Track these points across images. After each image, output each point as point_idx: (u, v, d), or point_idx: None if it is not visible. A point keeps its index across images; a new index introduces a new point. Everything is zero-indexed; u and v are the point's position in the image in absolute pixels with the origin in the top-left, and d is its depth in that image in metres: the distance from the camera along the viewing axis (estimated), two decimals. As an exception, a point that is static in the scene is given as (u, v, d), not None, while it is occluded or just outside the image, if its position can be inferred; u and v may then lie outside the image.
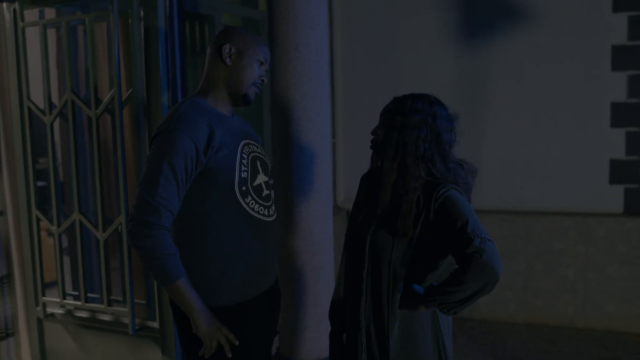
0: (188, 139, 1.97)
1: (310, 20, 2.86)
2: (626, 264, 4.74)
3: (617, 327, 4.80)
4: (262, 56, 2.20)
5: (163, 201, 1.96)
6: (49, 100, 3.36)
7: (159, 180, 1.95)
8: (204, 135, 2.01)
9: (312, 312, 2.99)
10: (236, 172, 2.07)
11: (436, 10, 5.09)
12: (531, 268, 4.97)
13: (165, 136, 2.00)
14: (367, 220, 1.99)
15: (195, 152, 1.98)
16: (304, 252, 2.94)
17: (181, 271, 2.01)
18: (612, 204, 4.82)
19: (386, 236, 1.90)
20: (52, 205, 3.43)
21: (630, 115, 4.72)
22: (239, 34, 2.19)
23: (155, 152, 2.01)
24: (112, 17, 2.99)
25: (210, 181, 2.04)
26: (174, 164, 1.96)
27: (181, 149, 1.96)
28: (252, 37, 2.21)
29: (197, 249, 2.08)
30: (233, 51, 2.16)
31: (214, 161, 2.03)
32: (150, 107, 3.04)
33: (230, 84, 2.18)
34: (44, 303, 3.53)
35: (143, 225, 1.95)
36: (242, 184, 2.09)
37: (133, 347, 3.30)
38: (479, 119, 5.07)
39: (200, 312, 2.04)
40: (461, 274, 1.73)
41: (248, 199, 2.11)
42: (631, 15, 4.63)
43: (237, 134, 2.16)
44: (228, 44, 2.16)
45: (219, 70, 2.18)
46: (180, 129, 1.98)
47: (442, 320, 1.96)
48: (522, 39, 4.89)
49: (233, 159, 2.08)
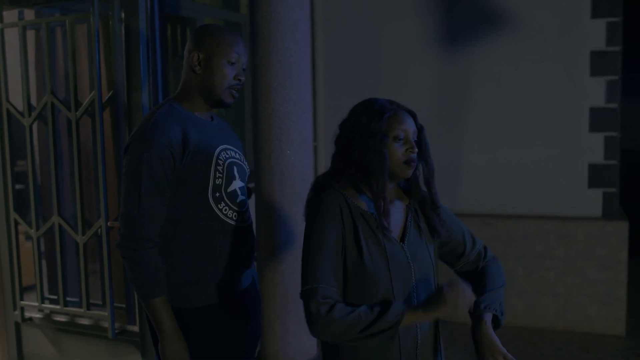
0: (162, 146, 1.94)
1: (292, 23, 2.85)
2: (605, 267, 4.79)
3: (597, 330, 4.85)
4: (234, 56, 2.08)
5: (147, 213, 1.94)
6: (28, 102, 3.33)
7: (139, 191, 1.94)
8: (178, 142, 1.98)
9: (294, 316, 2.98)
10: (210, 178, 2.05)
11: (417, 15, 5.12)
12: (512, 271, 5.00)
13: (139, 145, 1.96)
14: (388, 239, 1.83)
15: (171, 158, 1.96)
16: (286, 255, 2.93)
17: (160, 291, 2.00)
18: (591, 207, 4.87)
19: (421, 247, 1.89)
20: (31, 208, 3.39)
21: (608, 120, 4.78)
22: (206, 36, 2.09)
23: (132, 162, 1.97)
24: (92, 19, 2.97)
25: (184, 187, 2.02)
26: (153, 174, 1.94)
27: (157, 157, 1.94)
28: (221, 37, 2.09)
29: (170, 252, 2.06)
30: (201, 57, 2.07)
31: (189, 167, 2.01)
32: (131, 110, 3.02)
33: (202, 91, 2.11)
34: (22, 307, 3.49)
35: (129, 239, 1.96)
36: (216, 190, 2.07)
37: (113, 352, 3.27)
38: (460, 123, 5.10)
39: (170, 336, 2.02)
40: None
41: (221, 205, 2.09)
42: (609, 21, 4.69)
43: (215, 139, 2.12)
44: (195, 51, 2.08)
45: (191, 77, 2.11)
46: (154, 137, 1.94)
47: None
48: (502, 44, 4.93)
49: (208, 164, 2.05)
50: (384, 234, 1.79)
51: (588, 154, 4.85)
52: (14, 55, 3.40)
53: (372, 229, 1.79)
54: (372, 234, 1.79)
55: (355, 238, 1.78)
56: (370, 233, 1.79)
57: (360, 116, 1.82)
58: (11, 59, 3.42)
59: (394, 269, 1.77)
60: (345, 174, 1.84)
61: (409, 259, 1.81)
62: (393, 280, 1.76)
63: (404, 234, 1.86)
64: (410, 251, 1.82)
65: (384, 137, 1.76)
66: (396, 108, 1.83)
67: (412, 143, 1.79)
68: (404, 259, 1.80)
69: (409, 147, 1.78)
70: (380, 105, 1.81)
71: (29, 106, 3.33)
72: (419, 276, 1.82)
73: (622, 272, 4.76)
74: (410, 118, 1.84)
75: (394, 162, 1.78)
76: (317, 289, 1.70)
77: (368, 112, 1.81)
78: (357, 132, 1.80)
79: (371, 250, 1.77)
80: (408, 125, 1.80)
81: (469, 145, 5.11)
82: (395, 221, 1.86)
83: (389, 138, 1.77)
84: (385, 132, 1.77)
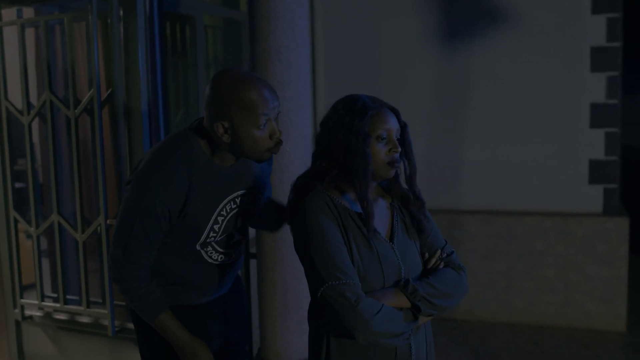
0: (163, 204, 1.85)
1: (291, 21, 2.85)
2: (606, 263, 4.78)
3: (598, 326, 4.85)
4: (264, 117, 1.81)
5: (134, 257, 1.93)
6: (27, 101, 3.32)
7: (130, 240, 1.91)
8: (179, 203, 1.87)
9: (293, 314, 2.98)
10: (204, 234, 1.98)
11: (417, 12, 5.11)
12: (512, 268, 5.00)
13: (141, 192, 1.87)
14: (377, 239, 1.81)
15: (168, 215, 1.89)
16: (286, 254, 2.93)
17: (160, 309, 2.01)
18: (591, 204, 4.87)
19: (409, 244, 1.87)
20: (31, 207, 3.39)
21: (609, 116, 4.77)
22: (227, 104, 1.79)
23: (129, 205, 1.91)
24: (90, 17, 2.96)
25: (173, 233, 1.97)
26: (146, 226, 1.88)
27: (154, 214, 1.87)
28: (244, 104, 1.79)
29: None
30: (226, 127, 1.81)
31: (185, 222, 1.93)
32: (130, 108, 3.02)
33: (237, 154, 1.92)
34: (22, 305, 3.49)
35: (115, 274, 1.97)
36: (206, 242, 2.03)
37: (113, 349, 3.27)
38: (460, 120, 5.09)
39: (187, 344, 2.03)
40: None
41: (208, 249, 2.05)
42: (610, 17, 4.68)
43: (227, 189, 1.98)
44: (219, 123, 1.81)
45: (219, 141, 1.87)
46: (158, 190, 1.84)
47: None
48: (501, 40, 4.92)
49: (205, 223, 1.96)
50: (374, 235, 1.77)
51: (588, 150, 4.84)
52: (13, 54, 3.39)
53: (361, 230, 1.76)
54: (362, 235, 1.76)
55: (347, 240, 1.74)
56: (360, 234, 1.76)
57: (343, 115, 1.77)
58: (10, 57, 3.42)
59: (386, 270, 1.76)
60: (328, 174, 1.80)
61: (398, 258, 1.79)
62: (385, 280, 1.75)
63: (392, 233, 1.84)
64: (399, 250, 1.81)
65: (366, 137, 1.72)
66: (379, 106, 1.78)
67: (395, 143, 1.76)
68: (395, 258, 1.79)
69: (392, 147, 1.75)
70: (362, 104, 1.77)
71: (28, 104, 3.33)
72: (409, 274, 1.80)
73: (622, 269, 4.75)
74: (393, 116, 1.79)
75: (377, 162, 1.75)
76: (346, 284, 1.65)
77: (350, 111, 1.76)
78: (340, 131, 1.76)
79: (361, 252, 1.74)
80: (391, 124, 1.77)
81: (469, 142, 5.10)
82: (382, 220, 1.84)
83: (372, 138, 1.74)
84: (368, 132, 1.73)
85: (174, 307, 2.09)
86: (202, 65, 3.99)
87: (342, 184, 1.80)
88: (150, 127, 3.03)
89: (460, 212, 5.04)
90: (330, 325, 1.75)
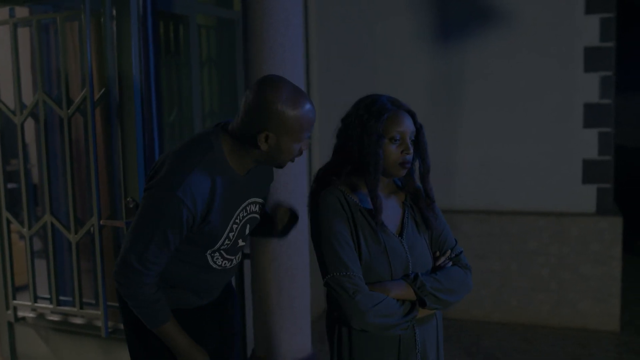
0: (188, 211, 1.83)
1: (285, 19, 2.84)
2: (599, 262, 4.80)
3: (591, 325, 4.86)
4: (307, 132, 1.87)
5: (149, 264, 1.89)
6: (20, 100, 3.31)
7: (149, 246, 1.86)
8: (203, 208, 1.86)
9: (287, 313, 2.97)
10: (219, 242, 1.99)
11: (410, 12, 5.11)
12: (506, 267, 5.01)
13: (166, 201, 1.83)
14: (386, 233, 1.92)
15: (192, 221, 1.87)
16: (280, 253, 2.93)
17: (164, 317, 1.99)
18: (585, 203, 4.88)
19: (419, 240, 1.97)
20: (23, 207, 3.37)
21: (602, 116, 4.78)
22: (280, 117, 1.80)
23: (151, 214, 1.87)
24: (83, 16, 2.95)
25: (189, 240, 1.95)
26: (169, 233, 1.85)
27: (179, 220, 1.83)
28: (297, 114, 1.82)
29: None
30: (270, 137, 1.82)
31: (204, 230, 1.92)
32: (123, 108, 3.00)
33: (262, 162, 1.95)
34: (14, 307, 3.47)
35: (124, 279, 1.93)
36: (217, 249, 2.03)
37: (106, 350, 3.26)
38: (453, 120, 5.10)
39: (189, 352, 2.03)
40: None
41: (215, 255, 2.05)
42: (603, 17, 4.69)
43: (242, 196, 1.99)
44: (264, 132, 1.81)
45: (252, 148, 1.88)
46: (185, 201, 1.81)
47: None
48: (495, 40, 4.93)
49: (222, 231, 1.96)
50: (383, 229, 1.88)
51: (582, 149, 4.85)
52: (6, 53, 3.37)
53: (371, 225, 1.87)
54: (371, 230, 1.88)
55: (355, 234, 1.87)
56: (369, 229, 1.88)
57: (361, 114, 1.87)
58: (2, 56, 3.40)
59: (394, 263, 1.87)
60: (343, 169, 1.91)
61: (407, 252, 1.90)
62: (393, 272, 1.87)
63: (402, 228, 1.95)
64: (408, 244, 1.92)
65: (380, 138, 1.83)
66: (396, 108, 1.87)
67: (407, 144, 1.86)
68: (403, 252, 1.90)
69: (404, 148, 1.85)
70: (380, 105, 1.86)
71: (21, 104, 3.31)
72: (417, 267, 1.91)
73: (616, 268, 4.77)
74: (409, 118, 1.88)
75: (389, 163, 1.86)
76: (346, 276, 1.80)
77: (368, 111, 1.86)
78: (357, 129, 1.86)
79: (369, 245, 1.86)
80: (406, 126, 1.86)
81: (463, 141, 5.10)
82: (393, 216, 1.95)
83: (386, 139, 1.84)
84: (382, 133, 1.83)
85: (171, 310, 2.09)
86: (196, 64, 3.98)
87: (356, 179, 1.92)
88: (143, 127, 3.02)
89: (454, 211, 5.05)
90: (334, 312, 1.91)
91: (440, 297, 1.87)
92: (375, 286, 1.84)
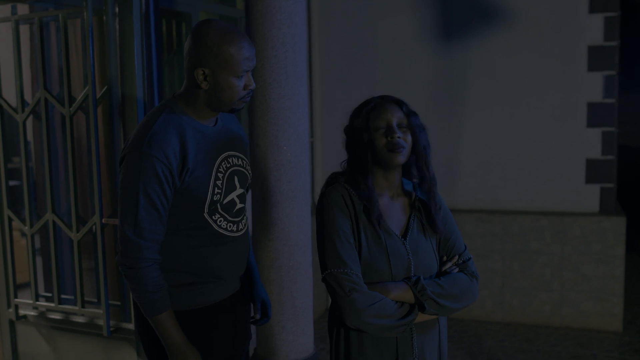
0: (161, 163, 1.85)
1: (288, 17, 2.83)
2: (602, 262, 4.79)
3: (593, 325, 4.85)
4: (244, 65, 1.93)
5: (145, 233, 1.88)
6: (22, 98, 3.30)
7: (137, 212, 1.87)
8: (176, 157, 1.89)
9: (289, 313, 2.97)
10: (209, 194, 1.98)
11: (413, 9, 5.09)
12: (508, 267, 5.00)
13: (136, 161, 1.87)
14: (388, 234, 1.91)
15: (170, 175, 1.88)
16: (282, 252, 2.92)
17: (163, 306, 1.97)
18: (588, 203, 4.87)
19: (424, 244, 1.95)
20: (25, 205, 3.36)
21: (606, 115, 4.77)
22: (209, 50, 1.90)
23: (128, 179, 1.89)
24: (86, 14, 2.94)
25: (179, 201, 1.95)
26: (150, 192, 1.86)
27: (155, 175, 1.85)
28: (227, 51, 1.90)
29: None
30: (206, 73, 1.92)
31: (187, 183, 1.93)
32: (125, 106, 3.00)
33: (212, 105, 1.99)
34: (16, 305, 3.46)
35: (127, 259, 1.92)
36: (212, 204, 2.01)
37: (108, 349, 3.25)
38: (456, 118, 5.09)
39: (180, 350, 1.99)
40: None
41: (216, 217, 2.03)
42: (607, 16, 4.67)
43: (217, 148, 2.03)
44: (200, 68, 1.92)
45: (197, 90, 1.97)
46: (152, 153, 1.85)
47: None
48: (498, 38, 4.91)
49: (207, 179, 1.97)
50: (385, 229, 1.89)
51: (585, 149, 4.84)
52: (8, 51, 3.37)
53: (373, 223, 1.88)
54: (372, 229, 1.88)
55: (357, 230, 1.89)
56: (371, 228, 1.89)
57: (351, 118, 1.95)
58: (4, 54, 3.39)
59: (394, 263, 1.87)
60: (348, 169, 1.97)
61: (409, 254, 1.89)
62: (393, 273, 1.87)
63: (407, 230, 1.94)
64: (411, 246, 1.91)
65: (364, 131, 1.87)
66: (380, 100, 1.91)
67: (393, 128, 1.85)
68: (404, 253, 1.89)
69: (390, 133, 1.85)
70: (362, 103, 1.93)
71: (23, 102, 3.30)
72: (419, 270, 1.90)
73: (618, 268, 4.75)
74: (394, 106, 1.90)
75: (378, 150, 1.86)
76: (344, 273, 1.82)
77: (353, 113, 1.95)
78: (349, 133, 1.95)
79: (370, 243, 1.87)
80: (389, 114, 1.87)
81: (465, 140, 5.09)
82: (399, 217, 1.95)
83: (371, 130, 1.86)
84: (365, 126, 1.87)
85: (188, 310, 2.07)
86: (198, 62, 3.96)
87: (358, 178, 1.94)
88: (145, 125, 3.00)
89: (456, 210, 5.04)
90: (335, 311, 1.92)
91: (441, 303, 1.85)
92: (375, 286, 1.84)
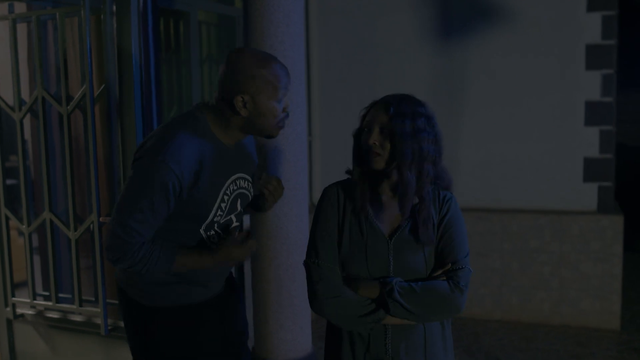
0: (174, 177, 1.84)
1: (286, 16, 2.83)
2: (600, 261, 4.79)
3: (592, 324, 4.85)
4: (282, 91, 1.93)
5: (135, 234, 1.89)
6: (19, 97, 3.29)
7: (134, 214, 1.87)
8: (190, 176, 1.88)
9: (288, 312, 2.96)
10: (211, 214, 2.00)
11: (412, 9, 5.08)
12: (507, 265, 5.00)
13: (150, 168, 1.86)
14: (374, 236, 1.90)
15: (179, 189, 1.88)
16: (280, 251, 2.92)
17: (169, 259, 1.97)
18: (586, 201, 4.86)
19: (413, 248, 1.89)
20: (22, 204, 3.36)
21: (604, 114, 4.76)
22: (249, 78, 1.88)
23: (137, 182, 1.88)
24: (83, 12, 2.93)
25: (179, 212, 1.95)
26: (155, 201, 1.86)
27: (164, 186, 1.85)
28: (267, 69, 1.89)
29: None
30: (246, 100, 1.89)
31: (194, 200, 1.93)
32: (123, 104, 2.99)
33: (248, 130, 1.99)
34: (13, 304, 3.46)
35: (113, 253, 1.95)
36: (211, 223, 2.03)
37: (105, 348, 3.25)
38: (455, 118, 5.08)
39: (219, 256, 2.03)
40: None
41: (210, 232, 2.06)
42: (605, 14, 4.67)
43: (230, 169, 2.03)
44: (239, 95, 1.89)
45: (234, 117, 1.95)
46: (170, 166, 1.84)
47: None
48: (497, 37, 4.91)
49: (212, 202, 1.98)
50: (371, 226, 1.89)
51: (583, 147, 4.83)
52: (5, 49, 3.36)
53: (360, 221, 1.90)
54: (357, 226, 1.90)
55: (341, 225, 1.92)
56: (356, 225, 1.91)
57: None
58: (1, 52, 3.38)
59: (371, 262, 1.87)
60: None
61: (390, 254, 1.88)
62: (370, 271, 1.87)
63: (395, 232, 1.91)
64: (395, 247, 1.88)
65: (358, 132, 1.90)
66: (372, 103, 1.91)
67: (370, 134, 1.84)
68: (385, 254, 1.88)
69: (368, 136, 1.84)
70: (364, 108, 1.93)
71: (20, 100, 3.30)
72: (400, 273, 1.87)
73: (617, 266, 4.75)
74: (381, 109, 1.87)
75: (363, 152, 1.87)
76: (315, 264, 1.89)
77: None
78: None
79: (352, 240, 1.90)
80: (372, 116, 1.87)
81: (464, 139, 5.09)
82: (390, 218, 1.92)
83: (364, 131, 1.88)
84: (360, 127, 1.90)
85: (172, 306, 2.08)
86: (196, 61, 3.97)
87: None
88: (143, 124, 3.00)
89: (455, 209, 5.03)
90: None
91: (407, 308, 1.79)
92: (350, 281, 1.88)
